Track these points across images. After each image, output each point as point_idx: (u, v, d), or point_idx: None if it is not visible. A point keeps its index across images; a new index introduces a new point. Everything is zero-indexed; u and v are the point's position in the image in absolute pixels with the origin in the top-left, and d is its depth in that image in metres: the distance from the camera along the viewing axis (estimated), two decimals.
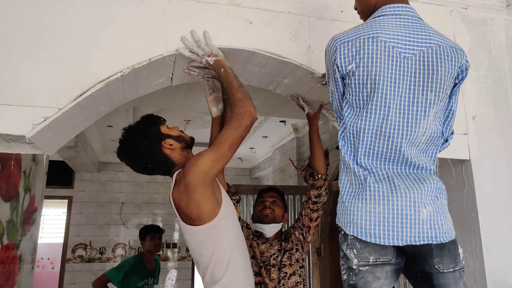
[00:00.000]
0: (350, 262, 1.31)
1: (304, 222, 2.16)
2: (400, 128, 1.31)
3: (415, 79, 1.32)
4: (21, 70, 1.49)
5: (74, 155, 5.45)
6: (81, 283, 6.46)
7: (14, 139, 1.65)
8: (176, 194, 1.54)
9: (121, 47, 1.62)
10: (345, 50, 1.34)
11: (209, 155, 1.49)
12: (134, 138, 1.67)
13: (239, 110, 1.52)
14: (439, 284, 1.30)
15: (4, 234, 2.11)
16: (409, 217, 1.27)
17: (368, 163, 1.34)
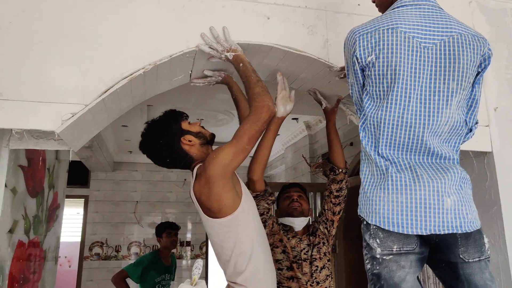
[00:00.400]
0: (374, 251, 1.31)
1: (327, 216, 2.18)
2: (422, 118, 1.32)
3: (436, 68, 1.33)
4: (50, 68, 1.54)
5: (90, 154, 5.55)
6: (98, 280, 6.57)
7: (42, 135, 1.71)
8: (197, 188, 1.58)
9: (143, 45, 1.66)
10: (364, 42, 1.35)
11: (229, 148, 1.52)
12: (154, 132, 1.72)
13: (257, 104, 1.54)
14: (464, 274, 1.29)
15: (31, 229, 2.17)
16: (432, 206, 1.27)
17: (389, 153, 1.35)
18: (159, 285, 3.72)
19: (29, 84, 1.51)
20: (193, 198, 1.62)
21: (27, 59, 1.52)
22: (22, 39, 1.53)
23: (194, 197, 1.61)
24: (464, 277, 1.29)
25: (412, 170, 1.32)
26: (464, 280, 1.29)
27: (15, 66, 1.51)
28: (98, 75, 1.58)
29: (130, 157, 7.06)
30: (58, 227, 2.82)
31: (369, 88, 1.39)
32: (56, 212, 2.73)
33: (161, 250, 3.86)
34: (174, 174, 7.30)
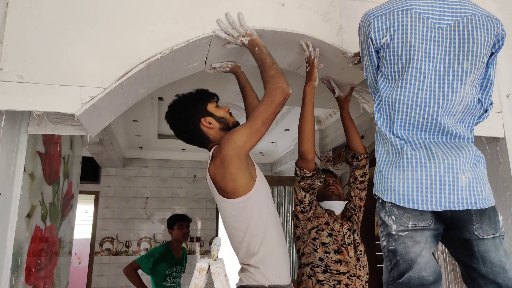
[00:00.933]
0: (389, 228, 1.33)
1: (355, 202, 2.19)
2: (436, 98, 1.34)
3: (451, 48, 1.34)
4: (70, 51, 1.57)
5: (101, 150, 5.59)
6: (109, 275, 6.62)
7: (60, 121, 1.74)
8: (213, 168, 1.61)
9: (160, 29, 1.68)
10: (379, 24, 1.37)
11: (243, 130, 1.55)
12: (179, 106, 1.77)
13: (271, 87, 1.56)
14: (479, 251, 1.30)
15: (47, 216, 2.20)
16: (447, 183, 1.28)
17: (404, 133, 1.37)
18: (170, 277, 3.74)
19: (49, 67, 1.54)
20: (208, 179, 1.65)
21: (48, 42, 1.55)
22: (43, 23, 1.56)
23: (209, 178, 1.64)
24: (479, 254, 1.30)
25: (427, 148, 1.34)
26: (479, 257, 1.30)
27: (36, 49, 1.54)
28: (117, 59, 1.61)
29: (140, 153, 7.11)
30: (72, 217, 2.85)
31: (384, 69, 1.41)
32: (70, 201, 2.76)
33: (173, 242, 3.89)
34: (184, 170, 7.34)
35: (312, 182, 1.98)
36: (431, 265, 1.29)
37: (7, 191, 1.65)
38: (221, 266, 1.12)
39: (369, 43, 1.41)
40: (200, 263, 1.11)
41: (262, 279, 1.55)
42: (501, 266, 1.28)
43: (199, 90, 1.82)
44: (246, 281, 1.57)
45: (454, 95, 1.34)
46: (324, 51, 1.93)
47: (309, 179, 1.96)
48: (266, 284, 1.54)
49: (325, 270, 1.96)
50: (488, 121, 1.95)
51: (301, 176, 1.98)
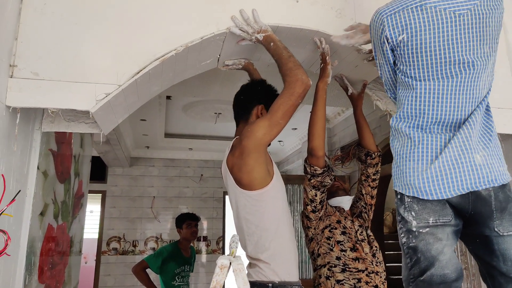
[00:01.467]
0: (409, 225, 1.31)
1: (366, 200, 2.17)
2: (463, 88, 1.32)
3: (473, 34, 1.32)
4: (85, 48, 1.56)
5: (108, 149, 5.61)
6: (116, 275, 6.64)
7: (73, 118, 1.74)
8: (231, 158, 1.63)
9: (175, 26, 1.67)
10: (393, 22, 1.35)
11: (263, 122, 1.56)
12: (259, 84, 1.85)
13: (290, 79, 1.56)
14: (499, 249, 1.28)
15: (59, 214, 2.20)
16: (464, 164, 1.27)
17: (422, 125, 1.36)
18: (179, 276, 3.74)
19: (64, 64, 1.53)
20: (225, 169, 1.67)
21: (62, 39, 1.55)
22: (58, 20, 1.55)
23: (225, 168, 1.65)
24: (499, 252, 1.28)
25: (443, 135, 1.33)
26: (500, 255, 1.28)
27: (51, 46, 1.53)
28: (131, 56, 1.60)
29: (147, 153, 7.12)
30: (82, 216, 2.85)
31: (403, 67, 1.38)
32: (81, 200, 2.76)
33: (181, 241, 3.88)
34: (190, 169, 7.34)
35: (323, 180, 1.96)
36: (453, 262, 1.27)
37: (22, 189, 1.65)
38: (242, 263, 1.11)
39: (384, 41, 1.39)
40: (222, 260, 1.10)
41: (272, 275, 1.55)
42: None
43: (274, 88, 1.88)
44: (256, 277, 1.57)
45: (479, 82, 1.34)
46: (338, 48, 1.91)
47: (320, 176, 1.94)
48: (276, 280, 1.54)
49: (344, 269, 1.93)
50: (503, 118, 1.93)
51: (311, 174, 1.95)
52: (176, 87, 3.12)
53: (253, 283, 1.55)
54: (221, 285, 1.06)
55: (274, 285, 1.53)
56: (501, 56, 2.03)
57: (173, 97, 4.72)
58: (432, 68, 1.32)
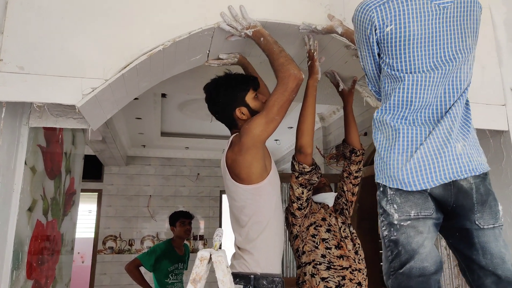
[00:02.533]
0: (391, 218, 1.32)
1: (347, 197, 2.17)
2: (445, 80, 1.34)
3: (456, 27, 1.34)
4: (71, 42, 1.56)
5: (104, 148, 5.60)
6: (112, 274, 6.63)
7: (61, 113, 1.73)
8: (230, 154, 1.67)
9: (162, 21, 1.67)
10: (382, 12, 1.35)
11: (259, 119, 1.58)
12: (219, 89, 1.76)
13: (282, 75, 1.58)
14: (479, 242, 1.29)
15: (49, 210, 2.20)
16: (447, 154, 1.29)
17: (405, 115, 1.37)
18: (172, 274, 3.74)
19: (50, 58, 1.53)
20: (223, 164, 1.70)
21: (48, 33, 1.54)
22: (44, 14, 1.55)
23: (224, 163, 1.69)
24: (479, 245, 1.29)
25: (425, 125, 1.34)
26: (479, 248, 1.29)
27: (37, 40, 1.53)
28: (119, 51, 1.60)
29: (143, 151, 7.11)
30: (74, 213, 2.84)
31: (388, 60, 1.38)
32: (72, 197, 2.76)
33: (175, 239, 3.87)
34: (187, 168, 7.34)
35: (310, 177, 1.94)
36: (432, 255, 1.28)
37: (8, 184, 1.64)
38: (222, 255, 1.11)
39: (371, 32, 1.38)
40: (202, 252, 1.10)
41: (255, 266, 1.59)
42: (500, 257, 1.28)
43: (244, 76, 1.82)
44: (239, 268, 1.61)
45: (461, 74, 1.35)
46: (327, 44, 1.91)
47: (308, 174, 1.93)
48: (258, 272, 1.59)
49: (329, 266, 1.94)
50: (492, 114, 1.94)
51: (299, 171, 1.94)
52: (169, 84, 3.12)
53: (236, 274, 1.58)
54: (200, 276, 1.06)
55: (256, 276, 1.57)
56: (490, 53, 2.04)
57: (168, 95, 4.71)
58: (417, 60, 1.33)
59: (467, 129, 1.36)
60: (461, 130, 1.35)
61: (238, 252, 1.66)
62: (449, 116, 1.33)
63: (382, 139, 1.39)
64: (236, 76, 1.78)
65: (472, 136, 1.37)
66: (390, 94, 1.39)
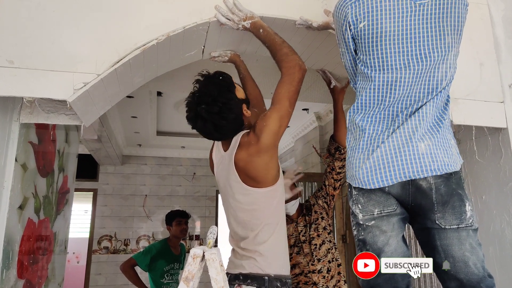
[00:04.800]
0: (357, 218, 1.34)
1: (328, 191, 2.24)
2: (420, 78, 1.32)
3: (433, 24, 1.31)
4: (62, 36, 1.52)
5: (99, 147, 5.56)
6: (107, 274, 6.58)
7: (53, 109, 1.70)
8: (244, 156, 1.53)
9: (156, 15, 1.64)
10: (356, 9, 1.34)
11: (275, 114, 1.50)
12: (226, 95, 1.53)
13: (288, 65, 1.53)
14: (441, 244, 1.27)
15: (41, 209, 2.16)
16: (407, 152, 1.28)
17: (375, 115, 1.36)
18: (168, 274, 3.70)
19: (41, 52, 1.49)
20: (231, 168, 1.57)
21: (39, 27, 1.51)
22: (35, 7, 1.52)
23: (233, 166, 1.56)
24: (441, 248, 1.27)
25: (391, 124, 1.33)
26: (441, 251, 1.27)
27: (27, 34, 1.49)
28: (111, 45, 1.57)
29: (139, 151, 7.07)
30: (68, 211, 2.80)
31: (362, 56, 1.38)
32: (66, 196, 2.72)
33: (170, 239, 3.84)
34: (183, 168, 7.30)
35: None
36: (398, 252, 1.30)
37: None
38: (216, 253, 1.08)
39: (346, 29, 1.38)
40: (195, 249, 1.08)
41: (268, 268, 1.55)
42: (463, 261, 1.24)
43: (223, 74, 1.61)
44: (250, 269, 1.55)
45: (437, 73, 1.33)
46: (325, 40, 1.89)
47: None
48: (272, 274, 1.54)
49: None
50: (490, 112, 1.92)
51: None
52: (165, 82, 3.08)
53: (246, 275, 1.54)
54: (193, 275, 1.04)
55: (270, 278, 1.53)
56: (488, 50, 2.02)
57: (164, 94, 4.68)
58: (389, 57, 1.31)
59: (437, 128, 1.33)
60: (429, 130, 1.32)
61: (246, 253, 1.58)
62: (418, 115, 1.31)
63: (351, 138, 1.40)
64: (219, 77, 1.59)
65: (443, 135, 1.33)
66: (361, 93, 1.38)
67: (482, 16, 2.05)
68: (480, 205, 2.02)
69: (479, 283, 1.23)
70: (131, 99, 4.48)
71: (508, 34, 2.07)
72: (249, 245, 1.57)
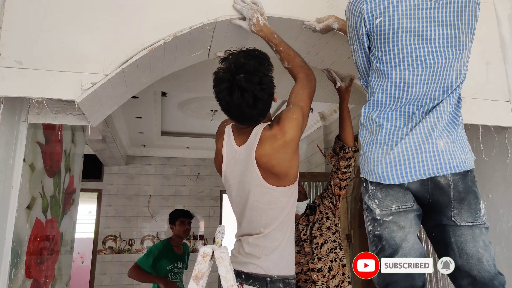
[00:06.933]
0: (373, 213, 1.33)
1: (333, 191, 2.24)
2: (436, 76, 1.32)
3: (448, 22, 1.32)
4: (70, 37, 1.53)
5: (104, 147, 5.58)
6: (112, 274, 6.60)
7: (61, 110, 1.71)
8: (268, 151, 1.46)
9: (163, 15, 1.65)
10: (371, 5, 1.35)
11: (300, 110, 1.51)
12: (266, 67, 1.45)
13: (308, 72, 1.62)
14: (456, 241, 1.28)
15: (48, 209, 2.17)
16: (427, 150, 1.27)
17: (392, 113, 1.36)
18: (171, 273, 3.70)
19: (49, 53, 1.50)
20: (252, 163, 1.49)
21: (48, 28, 1.52)
22: (43, 8, 1.53)
23: (253, 163, 1.48)
24: (455, 245, 1.28)
25: (409, 121, 1.33)
26: (455, 248, 1.28)
27: (36, 34, 1.50)
28: (119, 45, 1.57)
29: (143, 151, 7.09)
30: (74, 211, 2.82)
31: (377, 53, 1.38)
32: (72, 196, 2.73)
33: (173, 238, 3.83)
34: (187, 168, 7.32)
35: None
36: (415, 248, 1.29)
37: (7, 181, 1.62)
38: (225, 252, 1.08)
39: (360, 25, 1.38)
40: (204, 248, 1.08)
41: (272, 269, 1.51)
42: (477, 257, 1.26)
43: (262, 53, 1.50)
44: (253, 269, 1.51)
45: (452, 72, 1.33)
46: (330, 40, 1.89)
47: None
48: (275, 275, 1.50)
49: None
50: (496, 111, 1.91)
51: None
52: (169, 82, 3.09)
53: (248, 274, 1.51)
54: (202, 273, 1.04)
55: (272, 279, 1.48)
56: (494, 49, 2.01)
57: (168, 94, 4.69)
58: (405, 54, 1.32)
59: (453, 126, 1.34)
60: (446, 127, 1.33)
61: (252, 251, 1.53)
62: (436, 112, 1.32)
63: (366, 134, 1.40)
64: (260, 54, 1.48)
65: (459, 133, 1.35)
66: (376, 90, 1.38)
67: (488, 15, 2.05)
68: (487, 204, 2.02)
69: (491, 280, 1.24)
70: (135, 99, 4.50)
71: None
72: (260, 241, 1.52)
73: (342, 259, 2.15)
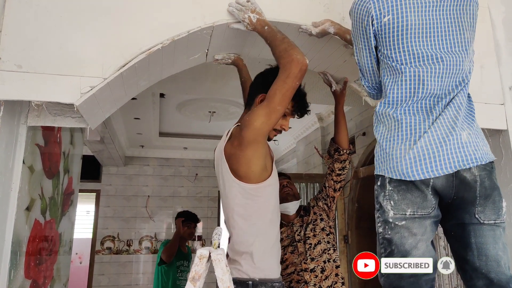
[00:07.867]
0: (386, 215, 1.29)
1: (328, 192, 2.26)
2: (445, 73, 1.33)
3: (454, 19, 1.34)
4: (70, 41, 1.55)
5: (102, 148, 5.59)
6: (110, 274, 6.61)
7: (60, 112, 1.73)
8: (229, 148, 1.58)
9: (162, 19, 1.67)
10: (379, 3, 1.36)
11: (260, 111, 1.49)
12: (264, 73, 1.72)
13: (284, 61, 1.47)
14: (476, 242, 1.25)
15: (47, 210, 2.19)
16: (452, 142, 1.25)
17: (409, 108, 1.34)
18: (179, 270, 3.85)
19: (48, 56, 1.52)
20: (219, 157, 1.63)
21: (47, 31, 1.54)
22: (43, 12, 1.54)
23: (222, 156, 1.60)
24: (475, 245, 1.25)
25: (429, 115, 1.31)
26: (475, 249, 1.25)
27: (35, 38, 1.52)
28: (117, 49, 1.59)
29: (141, 152, 7.10)
30: (73, 213, 2.83)
31: (387, 51, 1.38)
32: (71, 197, 2.74)
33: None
34: (185, 168, 7.33)
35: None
36: (426, 256, 1.26)
37: (6, 183, 1.64)
38: (222, 254, 1.10)
39: (367, 24, 1.38)
40: (201, 250, 1.10)
41: (252, 272, 1.52)
42: (496, 260, 1.23)
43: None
44: (236, 273, 1.52)
45: (463, 66, 1.34)
46: (326, 43, 1.91)
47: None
48: (257, 278, 1.51)
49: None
50: (490, 114, 1.94)
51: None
52: (167, 84, 3.12)
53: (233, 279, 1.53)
54: (199, 275, 1.06)
55: (254, 282, 1.49)
56: (489, 52, 2.04)
57: (166, 95, 4.71)
58: (417, 50, 1.33)
59: (472, 118, 1.34)
60: (466, 119, 1.32)
61: (232, 256, 1.57)
62: (454, 104, 1.31)
63: (383, 130, 1.37)
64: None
65: (477, 125, 1.35)
66: (392, 87, 1.37)
67: (482, 19, 2.07)
68: None
69: (508, 283, 1.22)
70: (134, 100, 4.52)
71: (508, 36, 2.09)
72: (236, 247, 1.55)
73: (335, 260, 2.17)
